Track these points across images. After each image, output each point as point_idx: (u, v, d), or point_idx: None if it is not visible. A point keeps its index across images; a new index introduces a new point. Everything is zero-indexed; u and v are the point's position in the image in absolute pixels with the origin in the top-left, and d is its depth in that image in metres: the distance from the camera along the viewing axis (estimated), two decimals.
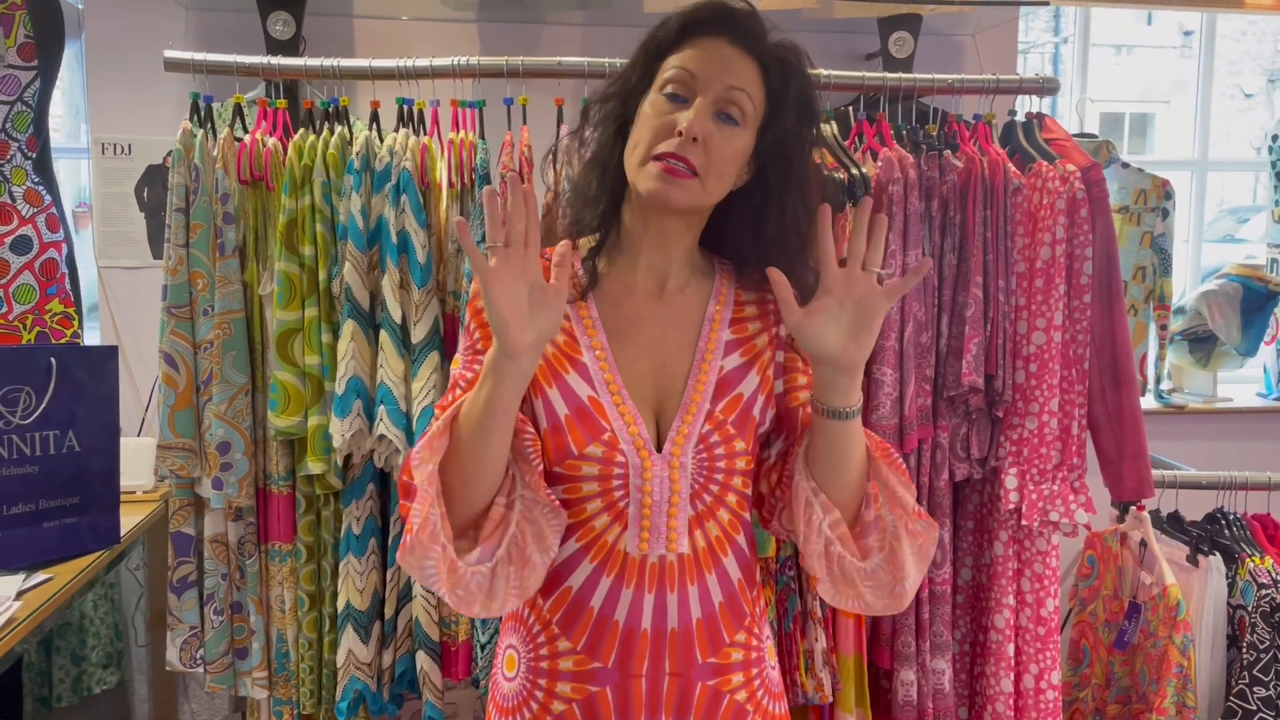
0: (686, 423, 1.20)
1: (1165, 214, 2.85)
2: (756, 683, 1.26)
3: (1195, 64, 3.47)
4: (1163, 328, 2.90)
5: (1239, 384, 3.22)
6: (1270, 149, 3.12)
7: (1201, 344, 3.04)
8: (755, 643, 1.27)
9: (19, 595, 1.75)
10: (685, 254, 1.27)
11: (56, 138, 2.56)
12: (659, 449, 1.19)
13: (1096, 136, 2.90)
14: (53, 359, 1.92)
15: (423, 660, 2.01)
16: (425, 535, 1.08)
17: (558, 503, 1.18)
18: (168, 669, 2.06)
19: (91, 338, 2.59)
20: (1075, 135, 2.94)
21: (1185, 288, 3.29)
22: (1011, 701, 2.13)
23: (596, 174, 1.26)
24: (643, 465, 1.18)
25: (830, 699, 2.03)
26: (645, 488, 1.17)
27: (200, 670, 2.06)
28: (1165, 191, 2.85)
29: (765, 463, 1.29)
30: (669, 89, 1.18)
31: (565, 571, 1.20)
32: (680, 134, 1.15)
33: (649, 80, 1.21)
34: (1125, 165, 2.87)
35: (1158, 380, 3.01)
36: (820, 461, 1.19)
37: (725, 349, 1.25)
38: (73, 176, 2.83)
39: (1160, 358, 2.98)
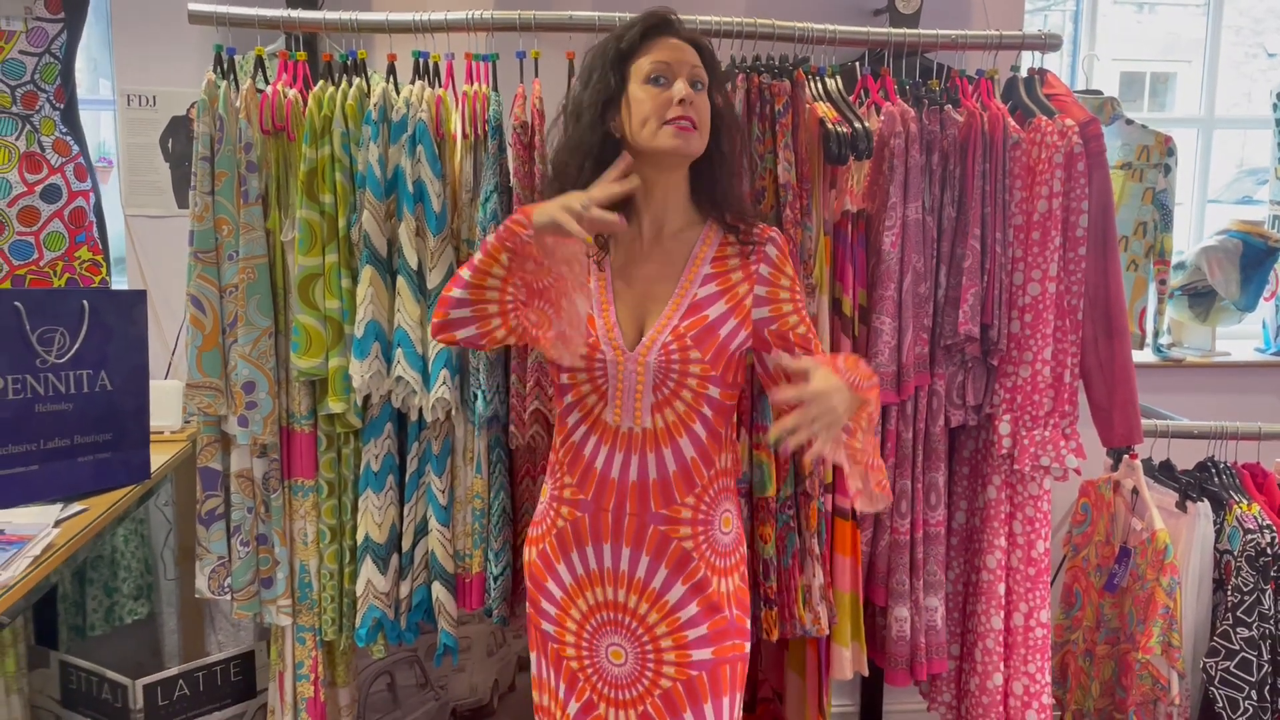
0: (657, 332, 1.60)
1: (1167, 170, 2.88)
2: (702, 538, 1.64)
3: (1219, 21, 3.45)
4: (1162, 282, 2.93)
5: (1238, 339, 3.25)
6: (1276, 106, 3.14)
7: (1201, 299, 3.07)
8: (705, 508, 1.64)
9: (57, 524, 1.85)
10: (681, 205, 1.67)
11: (78, 90, 2.62)
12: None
13: (1102, 93, 2.92)
14: (85, 301, 2.01)
15: (438, 591, 2.10)
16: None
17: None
18: (197, 596, 2.16)
19: (119, 286, 2.67)
20: (1081, 92, 2.97)
21: (1190, 245, 3.32)
22: (1001, 638, 2.22)
23: (593, 161, 1.61)
24: (617, 361, 1.59)
25: (827, 632, 2.12)
26: (619, 376, 1.59)
27: (228, 598, 2.16)
28: (1168, 148, 2.88)
29: (774, 370, 1.67)
30: (654, 77, 1.58)
31: (573, 431, 1.64)
32: (680, 102, 1.55)
33: (623, 81, 1.60)
34: (1129, 122, 2.89)
35: (1156, 334, 3.05)
36: None
37: (702, 280, 1.63)
38: (92, 130, 2.88)
39: (1159, 312, 3.02)
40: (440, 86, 2.10)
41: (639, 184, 1.55)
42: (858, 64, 2.35)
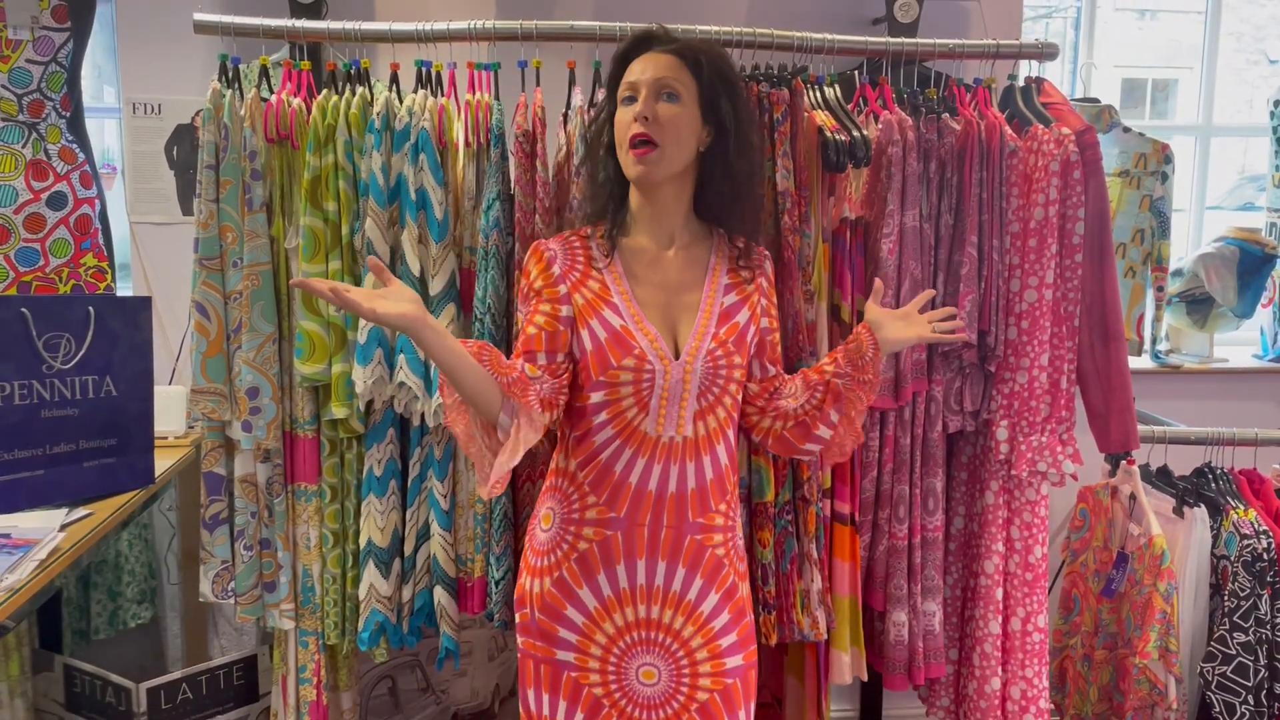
0: (699, 339, 1.62)
1: (1164, 178, 2.90)
2: (730, 544, 1.68)
3: (1217, 29, 3.47)
4: (1159, 289, 2.95)
5: (1236, 346, 3.27)
6: (1272, 114, 3.16)
7: (1199, 306, 3.09)
8: (732, 513, 1.69)
9: (62, 528, 1.86)
10: (683, 218, 1.69)
11: (83, 98, 2.64)
12: (676, 358, 1.61)
13: (1099, 101, 2.94)
14: (91, 308, 2.03)
15: (440, 595, 2.12)
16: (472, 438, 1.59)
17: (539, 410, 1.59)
18: (201, 600, 2.18)
19: (123, 292, 2.69)
20: (1079, 100, 2.99)
21: (1188, 252, 3.34)
22: (999, 643, 2.23)
23: (599, 181, 1.70)
24: (665, 370, 1.59)
25: (825, 637, 2.14)
26: (665, 385, 1.60)
27: (231, 602, 2.17)
28: (1165, 156, 2.90)
29: (752, 376, 1.74)
30: (624, 98, 1.63)
31: (601, 449, 1.61)
32: (636, 119, 1.58)
33: (615, 107, 1.65)
34: (1126, 130, 2.91)
35: (1154, 341, 3.07)
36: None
37: (725, 290, 1.69)
38: (96, 137, 2.90)
39: (1157, 319, 3.04)
40: (443, 95, 2.13)
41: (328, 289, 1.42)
42: (856, 72, 2.36)
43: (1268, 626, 2.23)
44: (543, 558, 1.66)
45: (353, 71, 2.12)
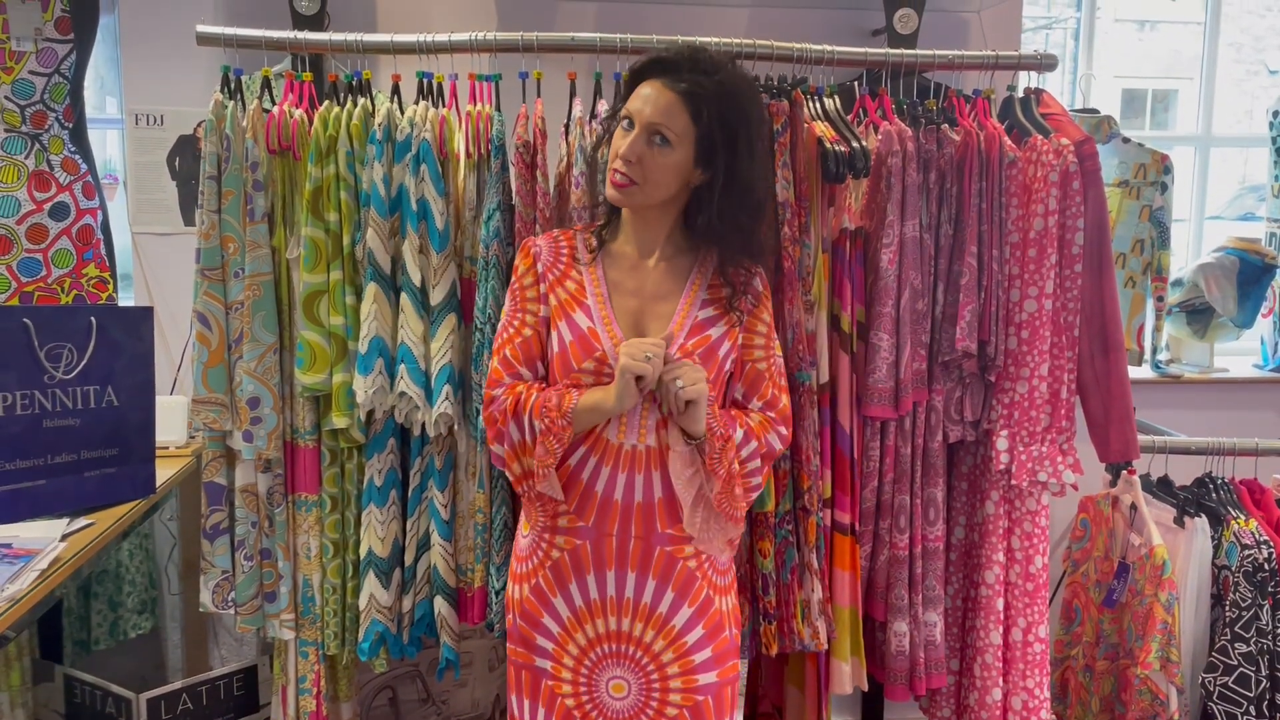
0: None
1: (1164, 188, 2.91)
2: (705, 556, 1.65)
3: (1215, 40, 3.49)
4: (1159, 299, 2.96)
5: (1236, 355, 3.27)
6: (1271, 124, 3.16)
7: (1199, 316, 3.09)
8: None
9: (63, 538, 1.86)
10: (667, 233, 1.71)
11: (85, 109, 2.66)
12: None
13: (1099, 111, 2.95)
14: (93, 318, 2.03)
15: (440, 605, 2.12)
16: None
17: None
18: (201, 610, 2.17)
19: (125, 302, 2.69)
20: (1078, 110, 3.00)
21: (1189, 262, 3.34)
22: (1000, 653, 2.22)
23: (598, 181, 1.78)
24: None
25: (826, 647, 2.13)
26: None
27: (231, 612, 2.17)
28: (1164, 166, 2.90)
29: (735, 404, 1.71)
30: (624, 123, 1.63)
31: (568, 455, 1.61)
32: (621, 157, 1.60)
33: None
34: (1126, 140, 2.92)
35: (1155, 351, 3.07)
36: None
37: (701, 303, 1.68)
38: (98, 148, 2.92)
39: (1157, 329, 3.04)
40: (444, 106, 2.13)
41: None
42: (856, 83, 2.37)
43: (1269, 637, 2.23)
44: (523, 564, 1.68)
45: (354, 83, 2.13)
